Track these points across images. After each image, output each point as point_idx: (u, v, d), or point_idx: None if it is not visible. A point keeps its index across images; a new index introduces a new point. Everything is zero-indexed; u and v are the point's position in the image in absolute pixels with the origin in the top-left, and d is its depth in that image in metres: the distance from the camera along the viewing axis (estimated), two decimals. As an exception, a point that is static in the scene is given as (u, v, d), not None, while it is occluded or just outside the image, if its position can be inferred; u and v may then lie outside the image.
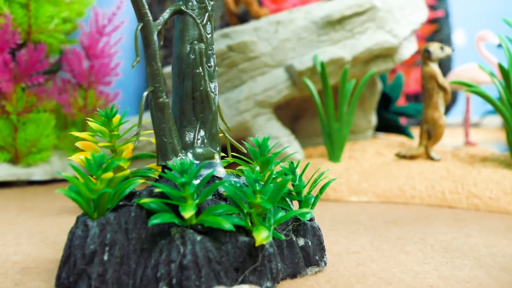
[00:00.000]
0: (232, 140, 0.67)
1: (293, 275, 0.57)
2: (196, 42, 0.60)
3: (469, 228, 0.81)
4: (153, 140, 0.60)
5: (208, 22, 0.61)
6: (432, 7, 2.39)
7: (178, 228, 0.50)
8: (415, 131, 1.58)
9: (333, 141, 1.19)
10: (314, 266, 0.59)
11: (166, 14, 0.58)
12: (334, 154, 1.19)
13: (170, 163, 0.55)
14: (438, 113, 1.13)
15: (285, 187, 0.54)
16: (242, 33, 1.24)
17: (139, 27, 0.55)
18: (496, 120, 2.57)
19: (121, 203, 0.54)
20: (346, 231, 0.79)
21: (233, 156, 0.67)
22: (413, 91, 2.35)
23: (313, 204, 0.62)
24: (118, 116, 0.67)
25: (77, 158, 0.62)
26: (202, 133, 0.60)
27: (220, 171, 0.59)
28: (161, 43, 0.58)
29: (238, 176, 0.62)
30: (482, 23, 2.55)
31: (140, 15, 0.55)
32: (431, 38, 2.39)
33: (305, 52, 1.24)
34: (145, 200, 0.52)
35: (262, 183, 0.53)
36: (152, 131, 0.58)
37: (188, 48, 0.59)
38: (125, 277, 0.50)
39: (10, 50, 1.31)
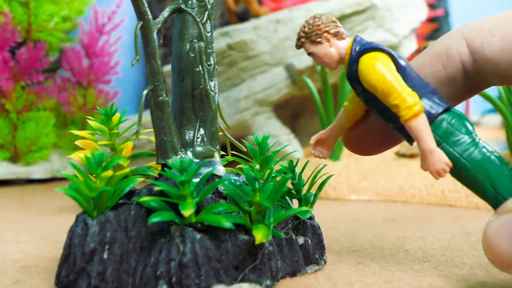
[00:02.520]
0: (232, 138, 0.67)
1: (293, 273, 0.57)
2: (195, 40, 0.60)
3: (469, 226, 0.81)
4: (152, 138, 0.60)
5: (208, 21, 0.61)
6: (431, 6, 2.38)
7: (178, 227, 0.50)
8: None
9: (332, 139, 1.19)
10: (314, 265, 0.59)
11: (165, 13, 0.58)
12: (333, 153, 1.19)
13: (169, 161, 0.55)
14: (438, 111, 1.13)
15: (284, 186, 0.54)
16: (241, 31, 1.24)
17: (139, 26, 0.55)
18: (495, 118, 2.57)
19: (120, 201, 0.54)
20: (346, 230, 0.79)
21: (232, 155, 0.67)
22: (413, 90, 2.35)
23: (313, 202, 0.62)
24: (117, 115, 0.67)
25: (77, 157, 0.62)
26: (201, 131, 0.60)
27: (220, 170, 0.59)
28: (161, 41, 0.57)
29: (237, 174, 0.62)
30: (482, 21, 2.55)
31: (139, 13, 0.55)
32: (430, 36, 2.39)
33: (305, 50, 1.24)
34: (144, 199, 0.52)
35: (262, 181, 0.53)
36: (152, 130, 0.58)
37: (188, 47, 0.59)
38: (124, 275, 0.50)
39: (10, 48, 1.31)
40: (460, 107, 2.56)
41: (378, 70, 0.50)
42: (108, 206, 0.53)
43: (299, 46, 0.56)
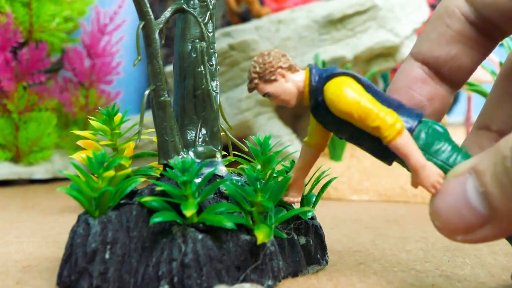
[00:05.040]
0: (234, 138, 0.67)
1: (295, 274, 0.57)
2: (197, 40, 0.60)
3: (471, 227, 0.80)
4: (154, 138, 0.60)
5: (210, 21, 0.61)
6: (433, 6, 2.38)
7: (180, 227, 0.50)
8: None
9: (334, 140, 1.19)
10: (316, 265, 0.59)
11: (167, 13, 0.58)
12: (335, 153, 1.19)
13: (171, 161, 0.55)
14: (440, 112, 1.13)
15: (286, 186, 0.54)
16: (243, 32, 1.24)
17: (141, 26, 0.55)
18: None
19: (122, 201, 0.54)
20: (348, 230, 0.79)
21: (234, 155, 0.67)
22: (415, 90, 2.35)
23: (315, 203, 0.61)
24: (119, 115, 0.67)
25: (79, 157, 0.62)
26: (203, 131, 0.60)
27: (222, 170, 0.59)
28: (163, 41, 0.58)
29: (239, 174, 0.62)
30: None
31: (141, 13, 0.55)
32: (432, 37, 2.39)
33: (307, 51, 1.24)
34: (146, 199, 0.52)
35: (263, 181, 0.53)
36: (154, 130, 0.58)
37: (190, 47, 0.60)
38: (126, 276, 0.50)
39: (12, 48, 1.31)
40: (461, 107, 2.56)
41: (349, 95, 0.47)
42: (110, 206, 0.53)
43: (252, 89, 0.51)
